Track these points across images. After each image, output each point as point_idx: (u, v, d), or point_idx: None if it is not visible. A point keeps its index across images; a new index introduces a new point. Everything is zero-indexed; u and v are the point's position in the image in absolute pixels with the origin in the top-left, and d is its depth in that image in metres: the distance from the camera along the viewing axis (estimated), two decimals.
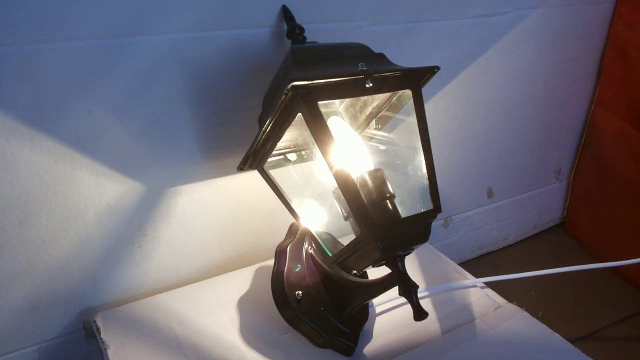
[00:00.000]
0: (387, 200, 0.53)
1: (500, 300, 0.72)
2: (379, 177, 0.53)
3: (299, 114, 0.51)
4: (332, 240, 0.60)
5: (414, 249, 0.54)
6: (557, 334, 0.65)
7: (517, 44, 0.93)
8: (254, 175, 0.63)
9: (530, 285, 1.03)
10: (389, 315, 0.69)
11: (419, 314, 0.50)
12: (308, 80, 0.48)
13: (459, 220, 1.06)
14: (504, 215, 1.14)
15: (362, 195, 0.51)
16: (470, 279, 0.76)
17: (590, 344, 0.92)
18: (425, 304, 0.71)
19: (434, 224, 0.55)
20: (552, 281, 1.04)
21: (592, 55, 1.08)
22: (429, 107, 0.86)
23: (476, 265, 1.11)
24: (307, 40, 0.63)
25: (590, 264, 0.83)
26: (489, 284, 0.75)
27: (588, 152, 1.18)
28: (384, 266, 0.53)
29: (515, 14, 0.90)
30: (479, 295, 0.73)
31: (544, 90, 1.04)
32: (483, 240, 1.13)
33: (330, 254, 0.57)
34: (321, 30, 0.69)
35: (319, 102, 0.50)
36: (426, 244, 0.83)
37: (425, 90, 0.57)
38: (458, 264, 0.80)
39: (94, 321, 0.66)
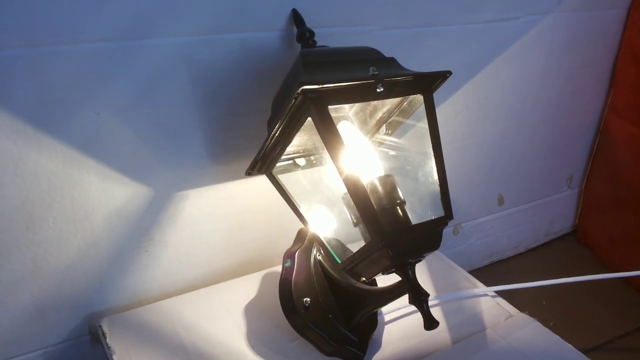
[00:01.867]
0: (398, 207, 0.52)
1: (511, 309, 0.70)
2: (389, 183, 0.52)
3: (309, 119, 0.50)
4: (341, 246, 0.59)
5: (424, 257, 0.53)
6: (569, 345, 0.64)
7: (529, 49, 0.92)
8: (262, 180, 0.63)
9: (542, 295, 1.01)
10: (398, 323, 0.68)
11: (430, 323, 0.50)
12: (318, 84, 0.48)
13: (469, 228, 1.05)
14: (515, 222, 1.12)
15: (372, 201, 0.50)
16: (480, 288, 0.74)
17: (602, 354, 0.91)
18: (435, 313, 0.69)
19: (443, 231, 0.54)
20: (564, 291, 1.03)
21: (605, 61, 1.07)
22: (439, 113, 0.84)
23: (487, 274, 1.10)
24: (317, 44, 0.62)
25: (602, 274, 0.82)
26: (500, 293, 0.74)
27: (600, 159, 1.16)
28: (394, 274, 0.52)
29: (527, 19, 0.89)
30: (489, 304, 0.72)
31: (555, 96, 1.03)
32: (493, 248, 1.12)
33: (339, 261, 0.56)
34: (331, 34, 0.68)
35: (329, 107, 0.49)
36: (436, 252, 0.83)
37: (435, 95, 0.56)
38: (468, 272, 0.79)
39: (100, 326, 0.66)
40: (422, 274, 0.77)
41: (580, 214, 1.24)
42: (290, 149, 0.62)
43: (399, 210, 0.52)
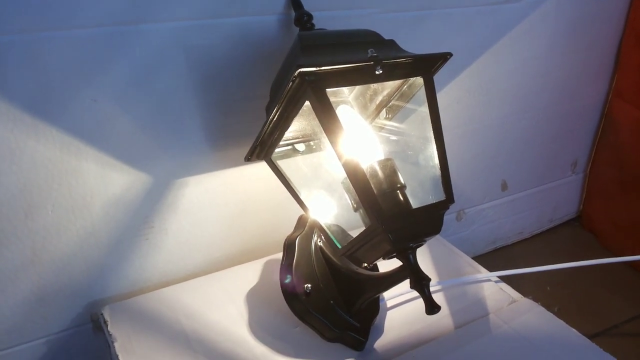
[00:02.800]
0: (398, 191, 0.52)
1: (514, 294, 0.70)
2: (389, 167, 0.52)
3: (307, 103, 0.50)
4: (342, 232, 0.59)
5: (426, 241, 0.52)
6: (573, 329, 0.64)
7: (532, 32, 0.91)
8: (262, 167, 0.62)
9: (546, 280, 1.01)
10: (401, 309, 0.67)
11: (431, 307, 0.49)
12: (316, 67, 0.47)
13: (473, 214, 1.04)
14: (519, 208, 1.12)
15: (372, 186, 0.49)
16: (484, 273, 0.74)
17: (607, 339, 0.90)
18: (438, 298, 0.69)
19: (446, 217, 0.53)
20: (568, 276, 1.02)
21: (609, 44, 1.06)
22: (441, 98, 0.83)
23: (490, 260, 1.09)
24: (316, 28, 0.61)
25: (605, 258, 0.81)
26: (504, 279, 0.73)
27: (605, 143, 1.15)
28: (395, 259, 0.51)
29: (530, 1, 0.87)
30: (493, 289, 0.71)
31: (559, 80, 1.01)
32: (497, 234, 1.11)
33: (339, 246, 0.56)
34: (330, 18, 0.67)
35: (328, 90, 0.49)
36: (439, 237, 0.82)
37: (437, 79, 0.55)
38: (472, 258, 0.78)
39: (101, 314, 0.66)
40: (425, 259, 0.77)
41: (585, 199, 1.23)
42: (289, 134, 0.62)
43: (400, 194, 0.51)
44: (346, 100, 0.63)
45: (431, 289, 0.70)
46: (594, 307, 0.98)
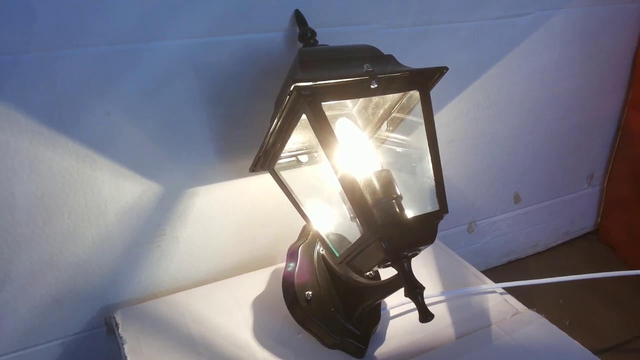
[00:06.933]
0: (393, 201, 0.53)
1: (519, 306, 0.70)
2: (383, 178, 0.53)
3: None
4: (341, 241, 0.60)
5: (420, 250, 0.53)
6: (576, 342, 0.64)
7: (542, 45, 0.91)
8: (269, 178, 0.64)
9: (559, 294, 1.00)
10: (403, 318, 0.68)
11: (425, 315, 0.50)
12: (311, 81, 0.49)
13: (485, 226, 1.04)
14: (533, 221, 1.11)
15: (367, 196, 0.51)
16: (489, 284, 0.74)
17: (617, 355, 0.88)
18: (441, 309, 0.70)
19: (457, 228, 0.54)
20: (582, 290, 1.01)
21: (623, 55, 1.05)
22: (448, 110, 0.85)
23: (504, 272, 1.09)
24: (319, 44, 0.63)
25: (612, 272, 0.80)
26: (513, 291, 0.73)
27: (622, 156, 1.13)
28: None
29: (538, 15, 0.88)
30: (497, 300, 0.71)
31: (571, 92, 1.01)
32: (511, 247, 1.11)
33: (337, 254, 0.57)
34: (335, 34, 0.69)
35: (330, 103, 0.50)
36: (445, 248, 0.83)
37: (444, 93, 0.57)
38: (485, 271, 0.78)
39: (114, 317, 0.68)
40: (431, 270, 0.78)
41: (603, 213, 1.21)
42: (293, 145, 0.64)
43: (394, 204, 0.52)
44: (349, 114, 0.64)
45: (435, 299, 0.71)
46: (606, 321, 0.97)
